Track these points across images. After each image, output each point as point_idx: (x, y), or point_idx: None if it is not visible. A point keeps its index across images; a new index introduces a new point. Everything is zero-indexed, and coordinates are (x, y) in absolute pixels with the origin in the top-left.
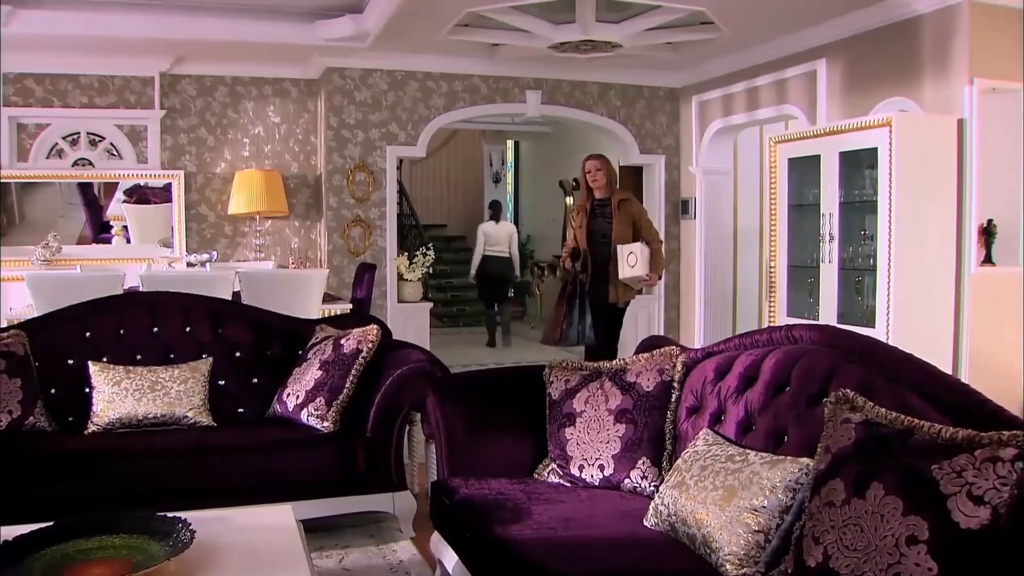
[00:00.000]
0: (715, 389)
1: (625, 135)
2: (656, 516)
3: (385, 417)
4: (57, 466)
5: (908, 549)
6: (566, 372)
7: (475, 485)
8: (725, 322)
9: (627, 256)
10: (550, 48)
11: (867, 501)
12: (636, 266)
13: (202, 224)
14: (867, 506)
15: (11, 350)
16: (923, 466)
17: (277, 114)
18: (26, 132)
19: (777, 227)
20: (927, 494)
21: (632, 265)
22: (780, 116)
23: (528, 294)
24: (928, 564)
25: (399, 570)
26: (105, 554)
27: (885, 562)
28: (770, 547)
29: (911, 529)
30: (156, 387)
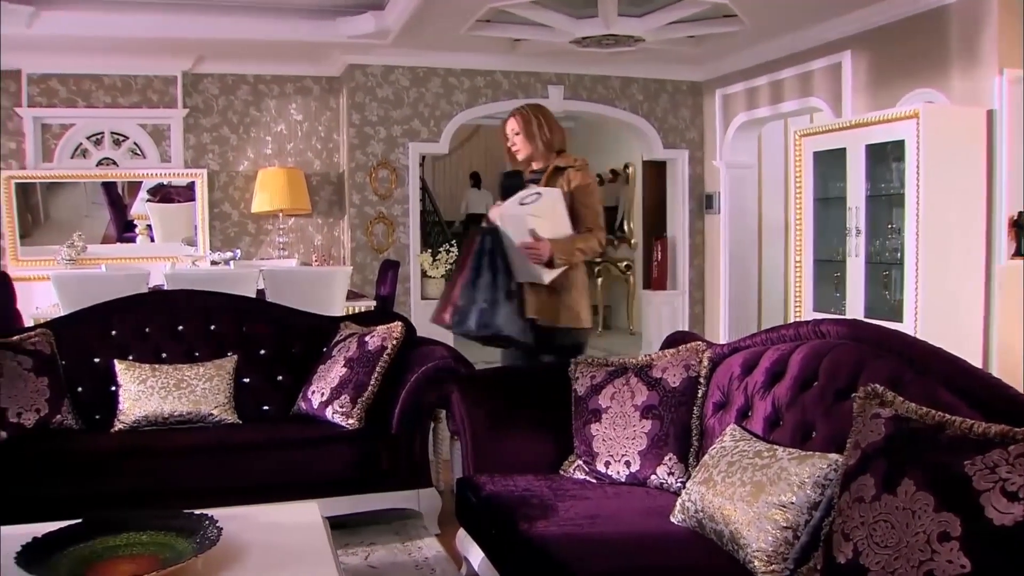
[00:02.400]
0: (742, 384)
1: (648, 130)
2: (683, 512)
3: (410, 414)
4: (84, 464)
5: (940, 546)
6: (591, 368)
7: (501, 482)
8: (750, 317)
9: (528, 193)
10: (572, 43)
11: (898, 497)
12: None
13: (225, 222)
14: (898, 502)
15: (38, 349)
16: (955, 462)
17: (299, 112)
18: (51, 132)
19: (802, 221)
20: (959, 490)
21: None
22: (805, 109)
23: None
24: (961, 561)
25: (424, 567)
26: (132, 551)
27: (916, 559)
28: (799, 544)
29: (943, 526)
30: (181, 385)
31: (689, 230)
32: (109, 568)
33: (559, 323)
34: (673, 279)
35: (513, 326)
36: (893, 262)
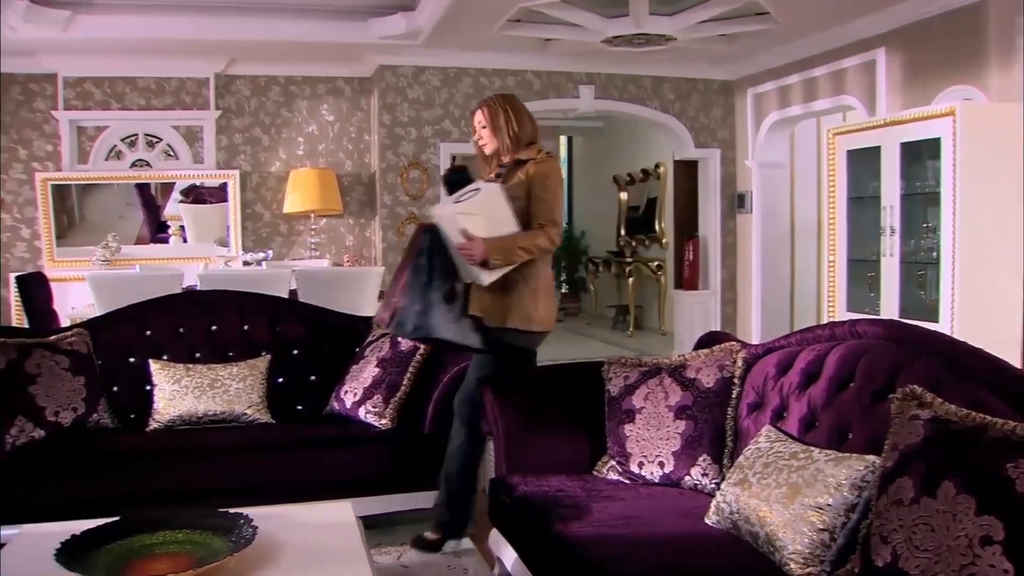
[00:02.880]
0: (777, 385)
1: (680, 129)
2: (718, 514)
3: (442, 414)
4: (120, 462)
5: (982, 550)
6: (625, 368)
7: (534, 482)
8: (782, 317)
9: (467, 190)
10: (603, 42)
11: (938, 500)
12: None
13: (257, 223)
14: (938, 505)
15: (75, 348)
16: (997, 464)
17: (331, 113)
18: (86, 135)
19: (836, 220)
20: (1002, 493)
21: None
22: (838, 107)
23: (583, 290)
24: (1004, 566)
25: (457, 567)
26: (168, 549)
27: (958, 563)
28: (835, 546)
29: (985, 529)
30: (215, 385)
31: (721, 230)
32: (146, 565)
33: (506, 324)
34: (705, 279)
35: (449, 329)
36: (928, 262)
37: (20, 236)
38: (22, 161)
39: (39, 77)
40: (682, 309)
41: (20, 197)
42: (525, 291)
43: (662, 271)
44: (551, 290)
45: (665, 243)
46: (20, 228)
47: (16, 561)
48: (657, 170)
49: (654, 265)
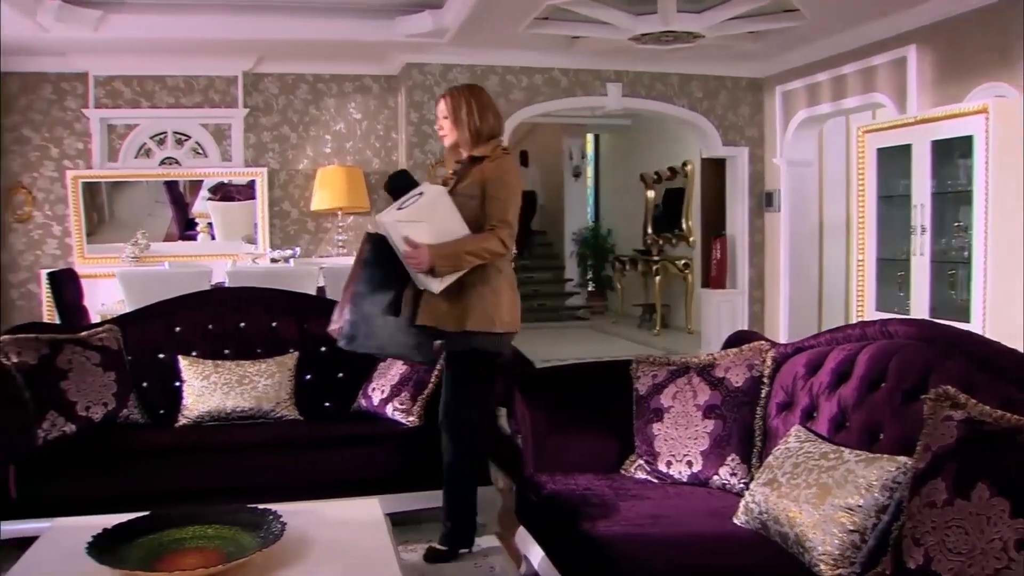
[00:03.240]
0: (806, 385)
1: (707, 127)
2: (747, 514)
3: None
4: (149, 458)
5: (1017, 554)
6: (653, 367)
7: (561, 481)
8: (810, 317)
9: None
10: (630, 40)
11: (971, 502)
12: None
13: (285, 220)
14: (972, 507)
15: (105, 344)
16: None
17: (358, 110)
18: (116, 133)
19: (865, 219)
20: None
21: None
22: (867, 105)
23: (609, 288)
24: None
25: (483, 565)
26: (198, 544)
27: (992, 566)
28: (866, 547)
29: (1020, 532)
30: (244, 381)
31: (749, 228)
32: (176, 560)
33: (466, 327)
34: (732, 278)
35: (396, 344)
36: (960, 261)
37: (51, 233)
38: (53, 159)
39: (70, 76)
40: (709, 308)
41: (52, 195)
42: (485, 292)
43: (689, 269)
44: (514, 289)
45: (692, 241)
46: (51, 225)
47: (49, 554)
48: (684, 168)
49: (681, 263)
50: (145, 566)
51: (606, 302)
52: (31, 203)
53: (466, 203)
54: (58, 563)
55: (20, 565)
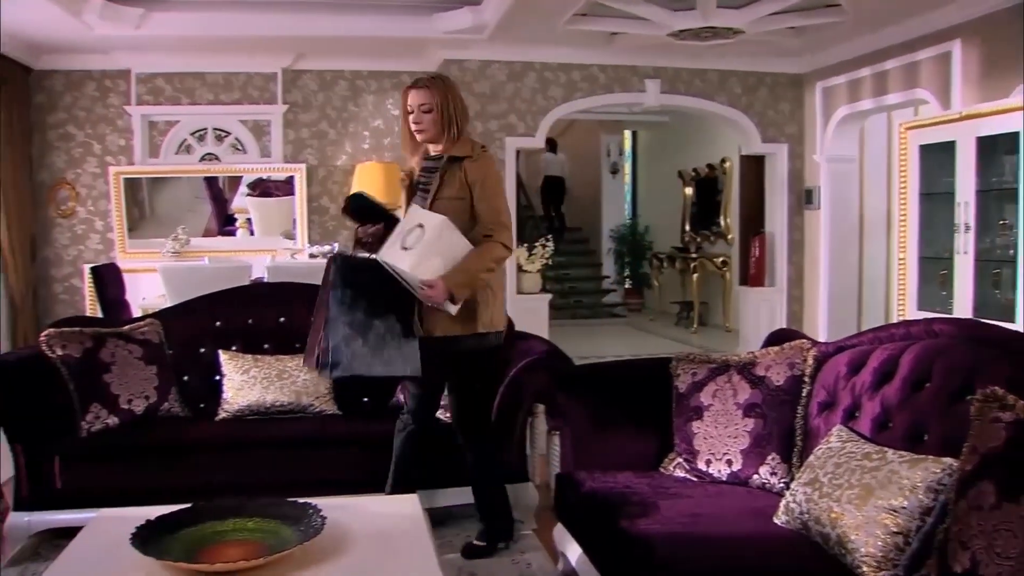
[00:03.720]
0: (849, 384)
1: (746, 123)
2: (787, 514)
3: (508, 408)
4: (190, 451)
5: None
6: (693, 365)
7: (600, 478)
8: (849, 316)
9: (410, 229)
10: (669, 36)
11: (1021, 506)
12: (415, 250)
13: (323, 216)
14: (1021, 511)
15: (147, 338)
16: None
17: (396, 107)
18: (157, 129)
19: (907, 217)
20: None
21: (407, 247)
22: (910, 101)
23: (646, 285)
24: None
25: (520, 562)
26: (239, 536)
27: None
28: (910, 550)
29: None
30: (283, 375)
31: (788, 226)
32: (217, 552)
33: (478, 329)
34: (771, 275)
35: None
36: (1005, 260)
37: (94, 228)
38: (96, 155)
39: (113, 73)
40: (747, 306)
41: (94, 191)
42: (487, 293)
43: (727, 267)
44: (503, 287)
45: (730, 239)
46: (94, 221)
47: (93, 544)
48: (723, 165)
49: (719, 261)
50: (187, 558)
51: (643, 300)
52: (75, 199)
53: (452, 206)
54: (102, 553)
55: (66, 554)
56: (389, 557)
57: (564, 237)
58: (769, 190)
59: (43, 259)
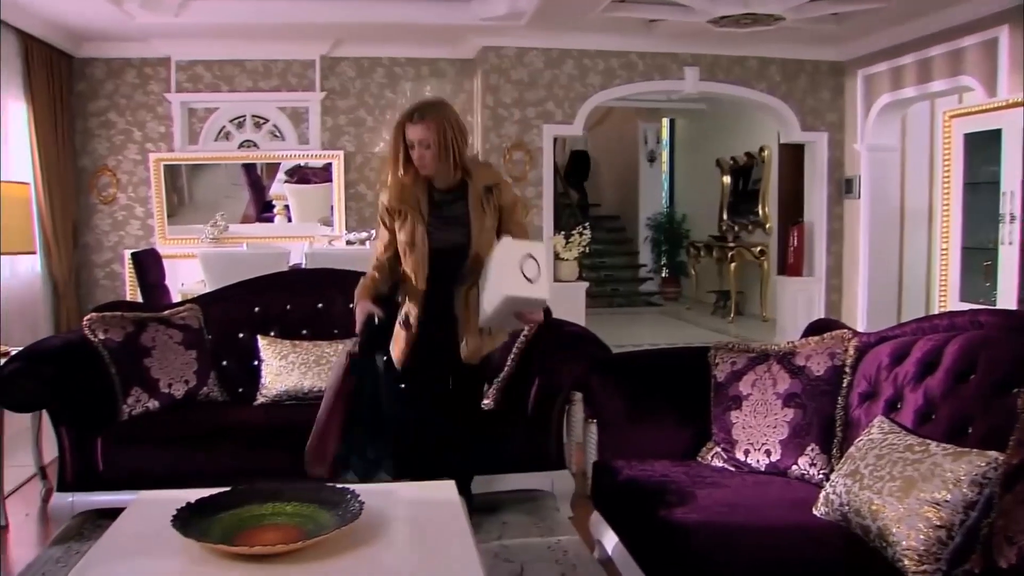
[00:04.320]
0: (891, 375)
1: (786, 112)
2: (827, 505)
3: (546, 396)
4: (229, 435)
5: None
6: (732, 354)
7: (638, 467)
8: (889, 306)
9: (522, 260)
10: (709, 23)
11: None
12: (538, 280)
13: (361, 203)
14: None
15: (187, 323)
16: None
17: (434, 94)
18: (196, 116)
19: (950, 207)
20: None
21: (531, 278)
22: (954, 89)
23: (683, 274)
24: None
25: (556, 548)
26: (277, 520)
27: None
28: (953, 544)
29: None
30: (321, 361)
31: (827, 215)
32: (256, 535)
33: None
34: (809, 265)
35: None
36: None
37: (134, 215)
38: (137, 142)
39: (153, 61)
40: (785, 296)
41: (135, 177)
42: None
43: (765, 256)
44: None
45: (769, 228)
46: (134, 207)
47: (135, 525)
48: (761, 154)
49: (757, 250)
50: (226, 540)
51: (680, 288)
52: (116, 185)
53: (491, 235)
54: (144, 533)
55: (109, 534)
56: (427, 543)
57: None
58: (808, 179)
59: (84, 245)
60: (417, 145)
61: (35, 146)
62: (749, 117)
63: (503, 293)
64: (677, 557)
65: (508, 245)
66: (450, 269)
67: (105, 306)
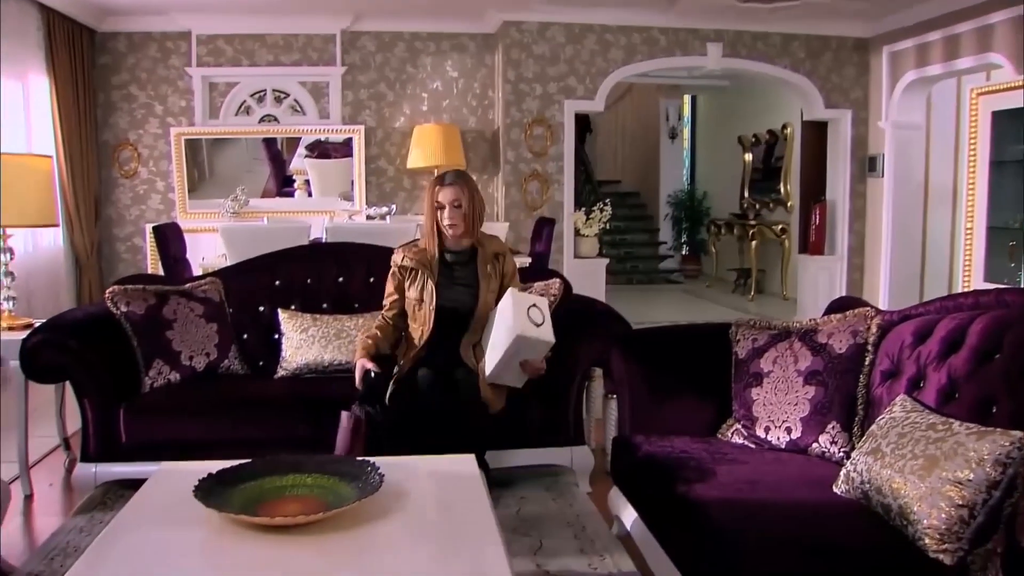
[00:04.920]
0: (914, 354)
1: (809, 88)
2: (848, 483)
3: (566, 371)
4: (249, 407)
5: None
6: (754, 331)
7: (657, 442)
8: (911, 286)
9: (528, 307)
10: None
11: None
12: (544, 324)
13: (381, 178)
14: None
15: (208, 296)
16: None
17: (455, 69)
18: (217, 91)
19: (976, 186)
20: None
21: (539, 323)
22: (982, 66)
23: (703, 252)
24: None
25: (575, 524)
26: (298, 492)
27: None
28: (975, 523)
29: None
30: (341, 335)
31: (850, 193)
32: (277, 506)
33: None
34: (831, 244)
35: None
36: None
37: (155, 189)
38: (158, 116)
39: (174, 35)
40: (806, 274)
41: (156, 151)
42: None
43: (786, 235)
44: None
45: (790, 206)
46: (155, 181)
47: (157, 494)
48: (784, 131)
49: (778, 228)
50: (247, 510)
51: (700, 266)
52: (137, 159)
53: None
54: (166, 503)
55: (132, 503)
56: (447, 514)
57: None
58: (831, 157)
59: (106, 218)
60: (449, 206)
61: (57, 120)
62: (772, 94)
63: (515, 333)
64: (696, 533)
65: (515, 295)
66: (455, 328)
67: (127, 279)
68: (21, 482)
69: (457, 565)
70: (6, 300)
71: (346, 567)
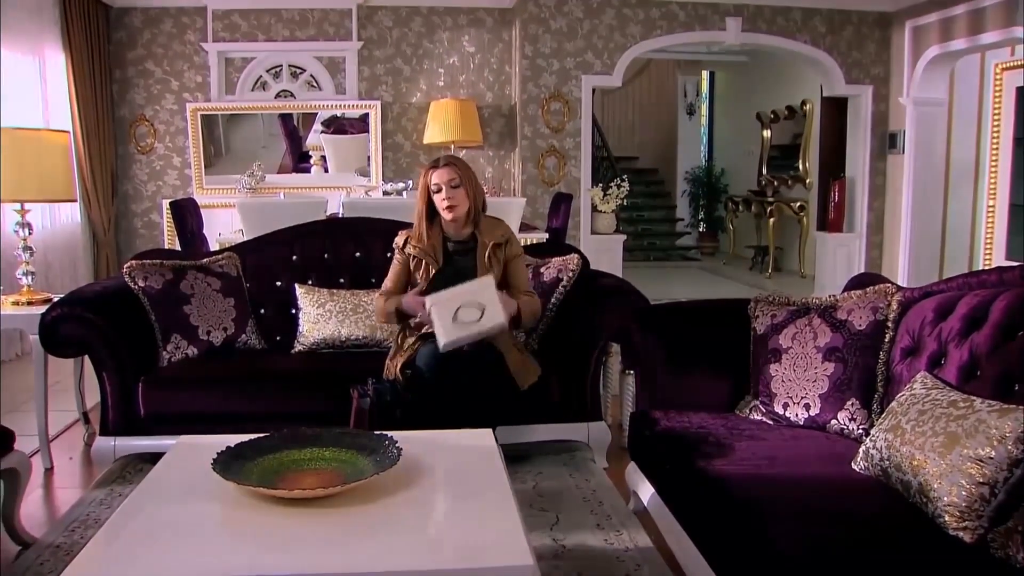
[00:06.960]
0: (935, 331)
1: (830, 64)
2: (866, 460)
3: (583, 346)
4: (267, 381)
5: None
6: (773, 307)
7: (675, 418)
8: (931, 263)
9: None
10: None
11: None
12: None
13: (397, 153)
14: None
15: (225, 271)
16: None
17: (472, 44)
18: (233, 66)
19: (999, 163)
20: None
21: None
22: (1007, 41)
23: (721, 229)
24: None
25: (592, 499)
26: (316, 465)
27: None
28: (995, 501)
29: None
30: (358, 310)
31: (869, 170)
32: (295, 479)
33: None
34: (850, 221)
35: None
36: None
37: (172, 164)
38: (174, 92)
39: (190, 10)
40: (824, 251)
41: (172, 127)
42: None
43: (804, 212)
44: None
45: (809, 183)
46: (172, 157)
47: (176, 467)
48: (803, 107)
49: (796, 205)
50: (266, 483)
51: (717, 243)
52: (153, 135)
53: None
54: (185, 476)
55: (151, 476)
56: (464, 487)
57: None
58: (851, 133)
59: (123, 194)
60: (446, 186)
61: (73, 95)
62: (791, 69)
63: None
64: (714, 508)
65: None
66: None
67: (144, 254)
68: (41, 455)
69: (474, 538)
70: (25, 275)
71: (364, 540)
